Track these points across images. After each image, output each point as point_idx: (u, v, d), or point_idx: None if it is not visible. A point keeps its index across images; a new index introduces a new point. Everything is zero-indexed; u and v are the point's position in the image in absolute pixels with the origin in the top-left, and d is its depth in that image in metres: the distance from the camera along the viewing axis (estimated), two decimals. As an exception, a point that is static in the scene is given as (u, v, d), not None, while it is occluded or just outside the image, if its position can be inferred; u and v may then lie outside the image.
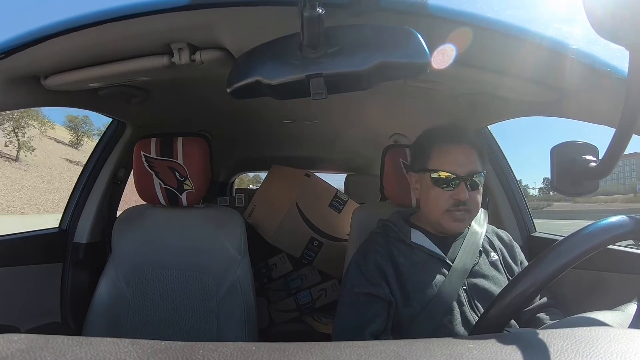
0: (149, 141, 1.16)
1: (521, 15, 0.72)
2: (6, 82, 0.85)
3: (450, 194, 0.86)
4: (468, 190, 0.85)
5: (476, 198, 0.88)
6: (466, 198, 0.85)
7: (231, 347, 0.33)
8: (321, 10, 0.50)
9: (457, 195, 0.85)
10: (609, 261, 0.96)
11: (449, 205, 0.86)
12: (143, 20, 0.73)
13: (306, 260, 1.85)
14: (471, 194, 0.86)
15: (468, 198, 0.85)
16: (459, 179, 0.85)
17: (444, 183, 0.86)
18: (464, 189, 0.85)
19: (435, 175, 0.87)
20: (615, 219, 0.50)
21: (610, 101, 0.78)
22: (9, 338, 0.32)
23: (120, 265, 1.11)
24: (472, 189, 0.86)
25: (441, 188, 0.87)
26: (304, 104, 1.45)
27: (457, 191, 0.85)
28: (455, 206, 0.86)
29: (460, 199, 0.85)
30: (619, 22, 0.36)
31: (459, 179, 0.85)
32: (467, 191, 0.85)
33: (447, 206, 0.86)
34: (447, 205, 0.86)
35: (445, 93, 1.16)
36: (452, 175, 0.85)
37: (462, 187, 0.85)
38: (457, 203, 0.85)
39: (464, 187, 0.85)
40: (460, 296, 0.84)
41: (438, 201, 0.87)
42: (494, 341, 0.37)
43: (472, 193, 0.86)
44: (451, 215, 0.86)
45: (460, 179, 0.85)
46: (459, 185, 0.85)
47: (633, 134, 0.45)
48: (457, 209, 0.86)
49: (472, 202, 0.87)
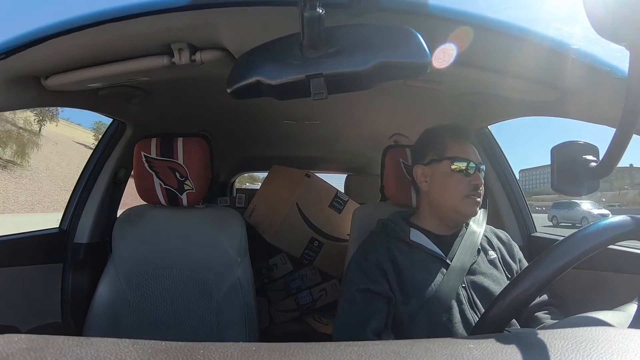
0: (149, 141, 1.16)
1: (522, 15, 0.72)
2: (6, 82, 0.85)
3: (469, 180, 0.93)
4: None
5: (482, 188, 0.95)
6: (482, 184, 0.93)
7: (232, 347, 0.33)
8: (321, 10, 0.50)
9: (475, 180, 0.93)
10: (609, 261, 0.96)
11: (468, 191, 0.92)
12: (143, 21, 0.72)
13: (307, 260, 1.85)
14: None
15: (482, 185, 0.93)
16: (476, 167, 0.94)
17: (464, 170, 0.93)
18: (479, 176, 0.94)
19: (455, 164, 0.94)
20: (616, 219, 0.50)
21: (610, 101, 0.78)
22: (9, 338, 0.32)
23: (120, 266, 1.11)
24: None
25: (462, 175, 0.93)
26: (304, 104, 1.45)
27: (474, 177, 0.93)
28: (473, 191, 0.92)
29: (478, 184, 0.93)
30: (620, 21, 0.36)
31: (476, 167, 0.93)
32: (481, 178, 0.94)
33: (467, 191, 0.92)
34: (467, 190, 0.92)
35: (446, 93, 1.16)
36: (471, 163, 0.93)
37: (478, 174, 0.94)
38: (475, 188, 0.93)
39: (479, 175, 0.94)
40: (459, 294, 0.85)
41: (459, 187, 0.93)
42: (495, 341, 0.37)
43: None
44: (471, 199, 0.92)
45: (477, 167, 0.94)
46: (475, 172, 0.93)
47: (633, 134, 0.45)
48: (475, 194, 0.93)
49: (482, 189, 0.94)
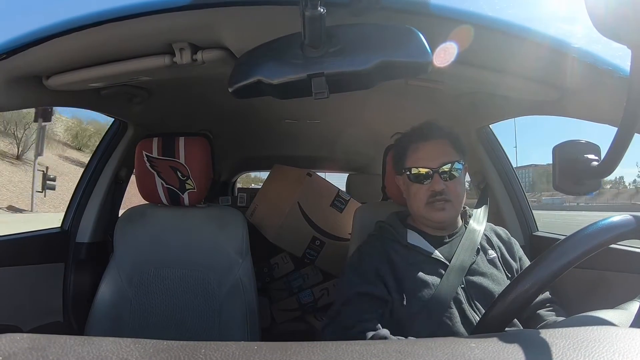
0: (150, 141, 1.16)
1: (522, 14, 0.72)
2: (8, 82, 0.85)
3: (427, 187, 0.92)
4: (444, 181, 0.91)
5: (454, 188, 0.93)
6: (441, 188, 0.90)
7: (233, 347, 0.34)
8: (322, 10, 0.50)
9: (432, 187, 0.91)
10: (610, 260, 0.96)
11: (427, 198, 0.92)
12: (145, 20, 0.72)
13: (308, 259, 1.85)
14: (448, 184, 0.92)
15: (445, 188, 0.91)
16: (432, 172, 0.91)
17: (419, 178, 0.93)
18: (438, 180, 0.91)
19: (411, 172, 0.95)
20: (617, 218, 0.50)
21: (611, 100, 0.78)
22: (11, 338, 0.33)
23: (122, 265, 1.11)
24: (450, 179, 0.92)
25: (419, 183, 0.93)
26: (305, 104, 1.45)
27: (431, 184, 0.91)
28: (432, 197, 0.91)
29: (435, 189, 0.91)
30: (621, 20, 0.36)
31: (432, 172, 0.91)
32: (441, 182, 0.91)
33: (425, 199, 0.92)
34: (425, 197, 0.92)
35: (447, 92, 1.16)
36: (425, 170, 0.92)
37: (436, 179, 0.91)
38: (434, 194, 0.91)
39: (438, 179, 0.91)
40: (458, 294, 0.84)
41: (417, 195, 0.94)
42: (496, 340, 0.37)
43: (450, 183, 0.92)
44: (432, 206, 0.92)
45: (433, 172, 0.91)
46: (433, 177, 0.91)
47: (635, 133, 0.45)
48: (436, 200, 0.91)
49: (449, 191, 0.91)
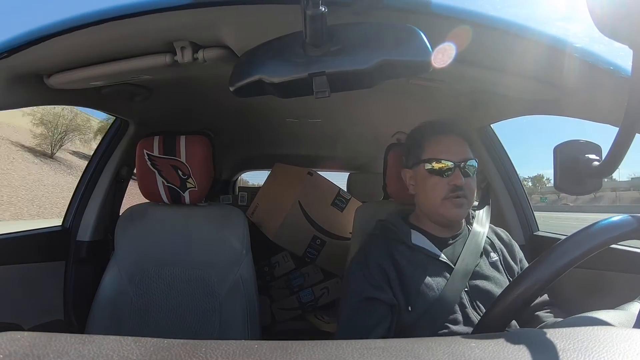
0: (151, 139, 1.16)
1: (523, 13, 0.72)
2: (9, 80, 0.85)
3: (446, 181, 0.88)
4: (463, 177, 0.88)
5: (471, 185, 0.90)
6: (462, 183, 0.87)
7: (234, 345, 0.34)
8: (324, 9, 0.50)
9: (454, 181, 0.87)
10: (611, 260, 0.96)
11: (446, 192, 0.88)
12: (146, 19, 0.73)
13: (309, 258, 1.85)
14: (466, 180, 0.88)
15: (464, 184, 0.87)
16: (454, 165, 0.88)
17: (439, 171, 0.89)
18: (459, 174, 0.87)
19: (430, 165, 0.90)
20: (617, 218, 0.50)
21: (613, 99, 0.77)
22: (12, 336, 0.33)
23: (122, 263, 1.11)
24: (466, 176, 0.89)
25: (439, 176, 0.89)
26: (306, 103, 1.45)
27: (452, 177, 0.87)
28: (452, 192, 0.88)
29: (457, 184, 0.87)
30: (622, 20, 0.36)
31: (453, 165, 0.88)
32: (462, 177, 0.87)
33: (444, 193, 0.88)
34: (444, 192, 0.88)
35: (448, 91, 1.16)
36: (446, 163, 0.88)
37: (457, 173, 0.87)
38: (454, 189, 0.87)
39: (459, 173, 0.87)
40: (462, 298, 0.83)
41: (435, 189, 0.89)
42: (497, 340, 0.37)
43: (467, 180, 0.89)
44: (450, 202, 0.88)
45: (455, 165, 0.88)
46: (454, 171, 0.88)
47: (636, 133, 0.45)
48: (455, 195, 0.88)
49: (467, 188, 0.89)
